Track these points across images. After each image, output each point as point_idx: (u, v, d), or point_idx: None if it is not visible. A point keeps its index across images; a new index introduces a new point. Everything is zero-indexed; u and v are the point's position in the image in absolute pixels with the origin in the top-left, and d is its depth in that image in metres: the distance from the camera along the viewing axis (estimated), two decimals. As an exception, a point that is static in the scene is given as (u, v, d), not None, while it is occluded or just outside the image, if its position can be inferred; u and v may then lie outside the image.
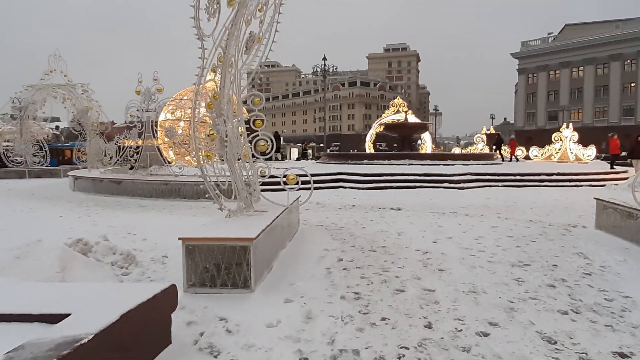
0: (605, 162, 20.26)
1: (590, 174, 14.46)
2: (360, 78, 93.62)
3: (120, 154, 14.06)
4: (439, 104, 75.41)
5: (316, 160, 25.99)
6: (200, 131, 5.58)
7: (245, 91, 5.41)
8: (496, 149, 23.52)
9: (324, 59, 40.39)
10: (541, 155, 25.03)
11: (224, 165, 4.91)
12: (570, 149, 23.24)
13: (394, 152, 22.52)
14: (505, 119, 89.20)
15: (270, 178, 5.46)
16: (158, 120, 13.04)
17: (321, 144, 52.29)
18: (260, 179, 5.46)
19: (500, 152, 23.32)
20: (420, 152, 25.07)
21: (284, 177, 5.40)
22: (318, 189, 11.49)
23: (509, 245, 5.50)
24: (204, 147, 4.88)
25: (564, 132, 23.64)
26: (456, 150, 30.28)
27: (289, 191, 5.51)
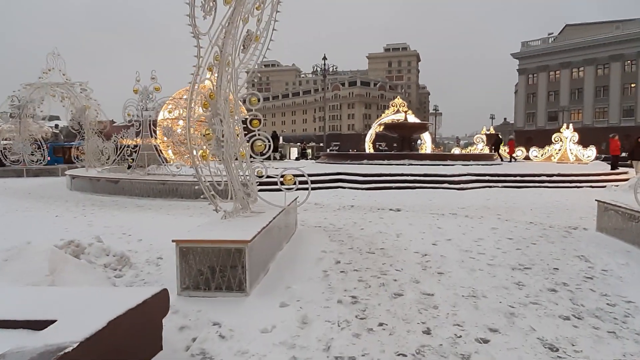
0: (605, 163, 20.20)
1: (591, 175, 14.39)
2: (360, 78, 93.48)
3: (118, 153, 13.97)
4: (439, 104, 75.39)
5: (315, 160, 25.92)
6: (198, 130, 5.50)
7: (243, 90, 5.33)
8: (495, 149, 23.52)
9: (324, 59, 40.33)
10: (541, 155, 24.95)
11: (220, 165, 4.84)
12: (571, 150, 23.16)
13: (393, 152, 22.44)
14: (505, 119, 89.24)
15: (268, 178, 5.40)
16: (157, 119, 12.96)
17: (321, 144, 52.23)
18: (257, 179, 5.39)
19: (499, 152, 23.30)
20: (420, 152, 25.00)
21: (281, 178, 5.33)
22: (317, 189, 11.44)
23: (509, 248, 5.43)
24: (200, 147, 4.79)
25: (564, 133, 23.56)
26: (456, 151, 30.20)
27: (286, 192, 5.44)
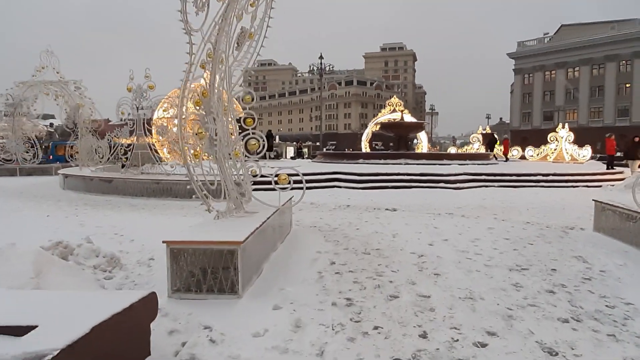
0: (601, 163, 20.25)
1: (587, 174, 14.40)
2: (356, 77, 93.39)
3: (112, 152, 13.82)
4: (435, 103, 75.28)
5: (312, 159, 25.84)
6: (191, 129, 5.41)
7: (237, 88, 5.23)
8: (490, 149, 23.63)
9: (321, 58, 40.27)
10: (537, 155, 25.01)
11: (214, 164, 4.75)
12: (566, 149, 23.22)
13: (389, 152, 22.41)
14: (501, 118, 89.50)
15: (262, 178, 5.31)
16: (153, 118, 12.83)
17: (317, 143, 52.14)
18: (251, 179, 5.30)
19: (493, 152, 23.41)
20: (416, 152, 24.96)
21: (276, 177, 5.25)
22: (313, 188, 11.36)
23: (506, 248, 5.37)
24: (193, 146, 4.70)
25: (560, 132, 23.62)
26: (452, 150, 30.22)
27: (281, 191, 5.36)
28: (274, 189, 5.34)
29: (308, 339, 2.82)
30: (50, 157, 21.94)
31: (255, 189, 5.47)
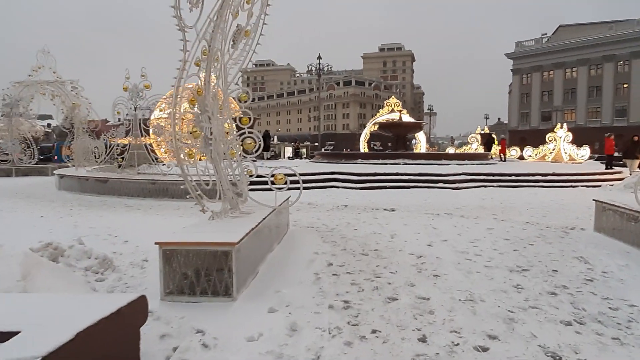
0: (599, 163, 20.23)
1: (585, 174, 14.36)
2: (355, 77, 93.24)
3: (107, 152, 13.69)
4: (433, 103, 75.46)
5: (310, 159, 25.75)
6: (184, 128, 5.32)
7: (232, 86, 5.14)
8: (487, 149, 23.67)
9: (319, 58, 40.17)
10: (535, 155, 24.99)
11: (209, 164, 4.66)
12: (564, 149, 23.20)
13: (388, 152, 22.36)
14: (499, 119, 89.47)
15: (258, 178, 5.23)
16: (151, 118, 12.73)
17: (316, 143, 52.04)
18: (248, 179, 5.21)
19: (490, 152, 23.46)
20: (414, 152, 24.91)
21: (272, 177, 5.16)
22: (310, 188, 11.28)
23: (506, 249, 5.30)
24: (188, 145, 4.61)
25: (558, 132, 23.59)
26: (450, 150, 30.17)
27: (278, 192, 5.28)
28: (271, 189, 5.26)
29: (304, 343, 2.73)
30: (55, 158, 21.65)
31: (251, 189, 5.38)
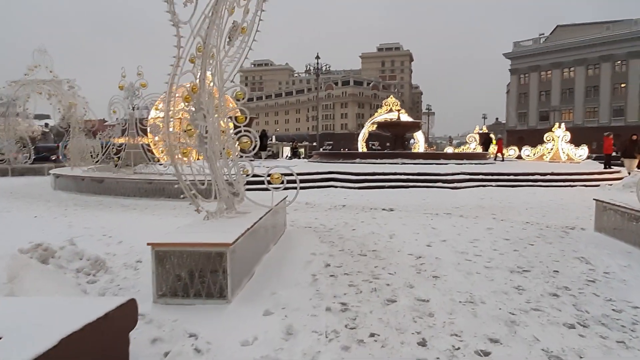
0: (597, 163, 20.21)
1: (584, 174, 14.32)
2: (353, 77, 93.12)
3: (103, 151, 13.56)
4: (431, 103, 75.41)
5: (308, 159, 25.69)
6: (179, 127, 5.23)
7: (228, 84, 5.04)
8: (485, 148, 23.71)
9: (317, 58, 40.12)
10: (533, 155, 25.00)
11: (206, 163, 4.57)
12: (562, 149, 23.19)
13: (386, 151, 22.29)
14: (497, 119, 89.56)
15: (254, 177, 5.14)
16: (148, 117, 12.61)
17: (314, 143, 51.96)
18: (244, 178, 5.13)
19: (488, 151, 23.47)
20: (413, 152, 24.87)
21: (269, 177, 5.08)
22: (308, 188, 11.19)
23: (506, 249, 5.22)
24: (185, 144, 4.51)
25: (556, 132, 23.59)
26: (449, 150, 30.14)
27: (275, 191, 5.20)
28: (268, 189, 5.18)
29: (300, 347, 2.65)
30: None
31: (248, 189, 5.29)
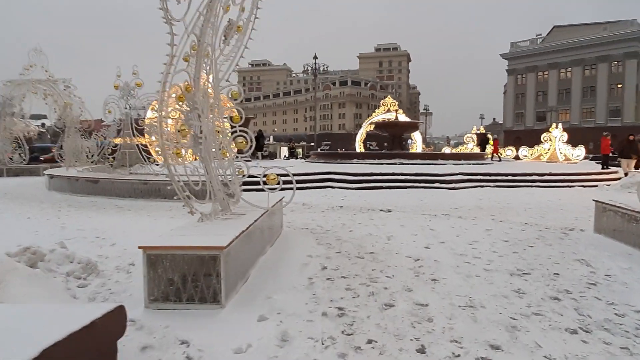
0: (594, 163, 20.22)
1: (582, 174, 14.29)
2: (351, 77, 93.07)
3: (98, 151, 13.42)
4: (429, 103, 75.62)
5: (305, 159, 25.60)
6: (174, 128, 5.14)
7: (223, 83, 4.95)
8: (481, 149, 23.76)
9: (315, 58, 40.01)
10: (530, 155, 24.97)
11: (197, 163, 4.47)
12: (560, 149, 23.17)
13: (384, 152, 22.23)
14: (494, 119, 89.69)
15: (251, 178, 5.06)
16: (145, 118, 12.47)
17: (312, 143, 51.88)
18: (240, 179, 5.04)
19: (484, 152, 23.52)
20: (410, 152, 24.81)
21: (264, 177, 4.99)
22: (305, 188, 11.10)
23: (505, 251, 5.15)
24: (177, 145, 4.42)
25: (554, 132, 23.57)
26: (447, 150, 30.11)
27: (271, 192, 5.11)
28: (263, 190, 5.09)
29: (295, 355, 2.56)
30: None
31: (244, 190, 5.20)
